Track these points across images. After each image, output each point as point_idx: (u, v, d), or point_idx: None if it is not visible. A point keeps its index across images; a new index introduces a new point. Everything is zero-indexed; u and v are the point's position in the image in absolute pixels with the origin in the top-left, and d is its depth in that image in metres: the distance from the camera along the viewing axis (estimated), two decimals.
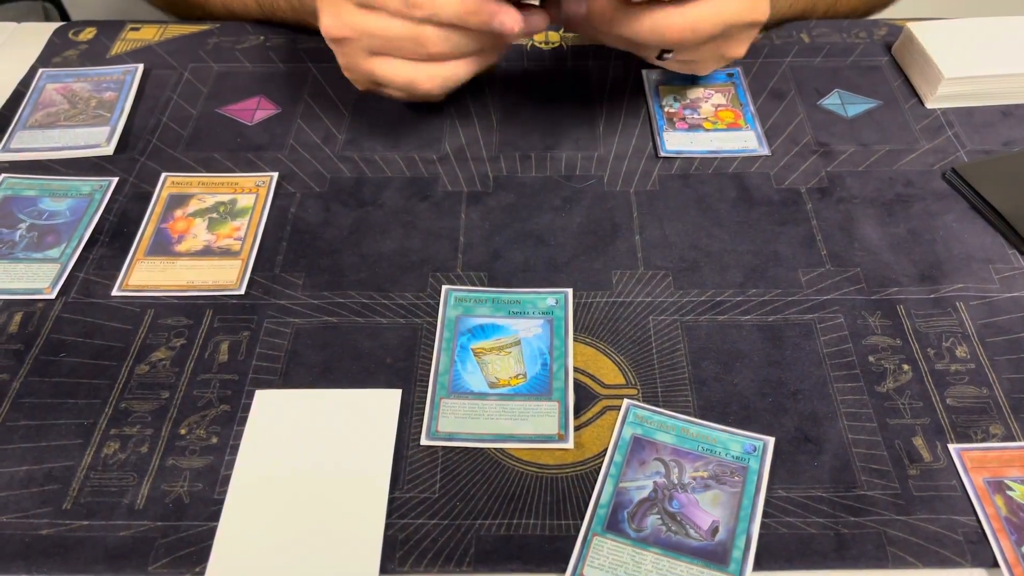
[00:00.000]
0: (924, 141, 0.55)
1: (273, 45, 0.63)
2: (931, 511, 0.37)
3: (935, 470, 0.38)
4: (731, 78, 0.59)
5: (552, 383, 0.42)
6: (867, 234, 0.49)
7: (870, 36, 0.63)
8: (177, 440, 0.40)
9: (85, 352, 0.43)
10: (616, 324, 0.44)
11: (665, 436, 0.39)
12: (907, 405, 0.41)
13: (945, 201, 0.51)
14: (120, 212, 0.50)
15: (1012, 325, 0.44)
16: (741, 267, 0.47)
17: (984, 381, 0.42)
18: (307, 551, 0.35)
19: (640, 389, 0.42)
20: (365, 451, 0.39)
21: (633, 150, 0.54)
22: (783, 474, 0.38)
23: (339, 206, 0.51)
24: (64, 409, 0.41)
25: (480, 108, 0.58)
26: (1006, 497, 0.37)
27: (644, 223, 0.50)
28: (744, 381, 0.42)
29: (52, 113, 0.57)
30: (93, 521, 0.37)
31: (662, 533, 0.36)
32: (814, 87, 0.59)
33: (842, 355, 0.43)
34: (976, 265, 0.47)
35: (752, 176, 0.53)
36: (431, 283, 0.46)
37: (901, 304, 0.45)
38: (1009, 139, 0.55)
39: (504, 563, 0.35)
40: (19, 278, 0.46)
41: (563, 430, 0.40)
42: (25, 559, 0.35)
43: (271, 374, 0.42)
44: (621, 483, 0.38)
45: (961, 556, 0.35)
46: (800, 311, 0.45)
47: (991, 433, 0.40)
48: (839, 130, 0.56)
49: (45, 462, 0.39)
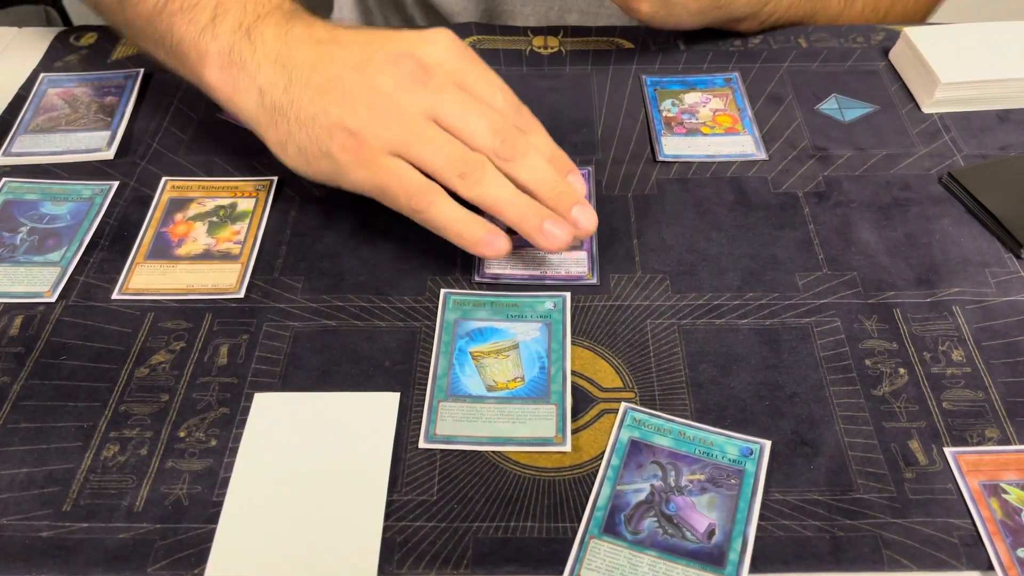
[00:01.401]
0: (921, 145, 0.55)
1: None
2: (927, 514, 0.37)
3: (931, 473, 0.38)
4: (729, 83, 0.60)
5: (550, 386, 0.42)
6: (864, 238, 0.49)
7: (867, 41, 0.64)
8: (176, 443, 0.40)
9: (85, 355, 0.43)
10: (614, 328, 0.45)
11: (662, 439, 0.39)
12: (903, 408, 0.41)
13: (942, 205, 0.51)
14: (120, 216, 0.51)
15: (1008, 329, 0.44)
16: (738, 271, 0.47)
17: (980, 385, 0.42)
18: (305, 553, 0.36)
19: (637, 392, 0.42)
20: (364, 454, 0.39)
21: (631, 154, 0.55)
22: (779, 477, 0.38)
23: (338, 210, 0.51)
24: (64, 412, 0.41)
25: None
26: (1001, 500, 0.37)
27: (642, 227, 0.50)
28: (741, 384, 0.42)
29: (53, 117, 0.57)
30: (93, 523, 0.37)
31: (659, 536, 0.36)
32: (811, 92, 0.59)
33: (839, 359, 0.43)
34: (972, 269, 0.47)
35: (750, 180, 0.53)
36: (430, 286, 0.47)
37: (897, 308, 0.45)
38: (1006, 143, 0.55)
39: (501, 565, 0.35)
40: (20, 281, 0.47)
41: (561, 433, 0.40)
42: (25, 561, 0.36)
43: (270, 377, 0.42)
44: (618, 486, 0.38)
45: (956, 559, 0.35)
46: (797, 315, 0.45)
47: (987, 436, 0.40)
48: (836, 134, 0.56)
49: (45, 464, 0.39)
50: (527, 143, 0.44)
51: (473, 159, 0.43)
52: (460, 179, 0.42)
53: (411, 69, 0.43)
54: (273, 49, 0.45)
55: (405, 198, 0.43)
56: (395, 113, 0.43)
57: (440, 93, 0.43)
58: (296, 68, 0.44)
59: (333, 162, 0.44)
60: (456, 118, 0.43)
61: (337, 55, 0.44)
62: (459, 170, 0.42)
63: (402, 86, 0.43)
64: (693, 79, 0.60)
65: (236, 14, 0.46)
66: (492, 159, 0.43)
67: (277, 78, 0.44)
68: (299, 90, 0.44)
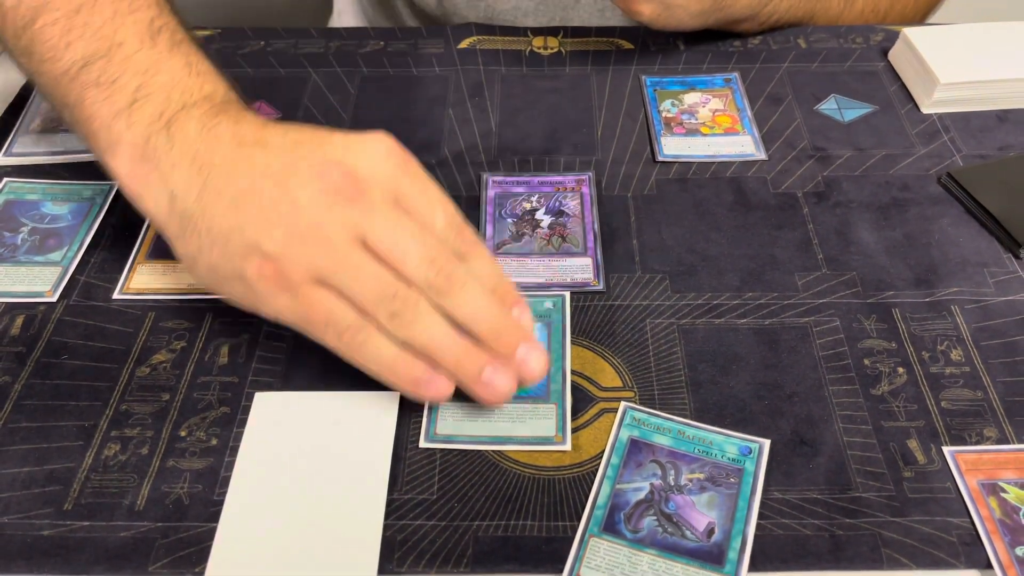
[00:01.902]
0: (920, 146, 0.55)
1: (274, 50, 0.63)
2: (925, 513, 0.37)
3: (930, 472, 0.39)
4: (728, 83, 0.60)
5: (550, 386, 0.42)
6: (863, 238, 0.49)
7: (866, 41, 0.64)
8: (177, 442, 0.40)
9: (86, 355, 0.43)
10: (613, 327, 0.45)
11: (662, 438, 0.40)
12: (902, 408, 0.41)
13: (941, 205, 0.51)
14: (121, 216, 0.51)
15: (1007, 328, 0.44)
16: (738, 271, 0.47)
17: (979, 384, 0.42)
18: (306, 552, 0.36)
19: (637, 392, 0.42)
20: (364, 453, 0.39)
21: (631, 155, 0.55)
22: (779, 476, 0.38)
23: None
24: (65, 411, 0.41)
25: (479, 112, 0.58)
26: (1000, 499, 0.37)
27: (641, 227, 0.50)
28: (740, 384, 0.42)
29: (54, 118, 0.57)
30: (94, 522, 0.37)
31: (658, 534, 0.36)
32: (811, 92, 0.59)
33: (838, 358, 0.43)
34: (971, 269, 0.47)
35: (749, 180, 0.53)
36: None
37: (896, 308, 0.45)
38: (1005, 144, 0.55)
39: (501, 564, 0.36)
40: (21, 281, 0.47)
41: (560, 432, 0.40)
42: (27, 559, 0.36)
43: (271, 376, 0.43)
44: (618, 485, 0.38)
45: (955, 558, 0.36)
46: (796, 314, 0.45)
47: (985, 436, 0.40)
48: (836, 135, 0.56)
49: (46, 463, 0.39)
50: (466, 274, 0.38)
51: (404, 295, 0.37)
52: (390, 319, 0.37)
53: (339, 182, 0.37)
54: (192, 147, 0.39)
55: (333, 337, 0.38)
56: (318, 236, 0.37)
57: (370, 212, 0.37)
58: (213, 172, 0.39)
59: (249, 289, 0.38)
60: (387, 242, 0.37)
61: (258, 160, 0.39)
62: (389, 308, 0.37)
63: (327, 203, 0.37)
64: (693, 79, 0.60)
65: (158, 101, 0.41)
66: (426, 292, 0.37)
67: (191, 182, 0.39)
68: (212, 199, 0.38)
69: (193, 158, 0.39)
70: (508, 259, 0.48)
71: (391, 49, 0.64)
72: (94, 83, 0.41)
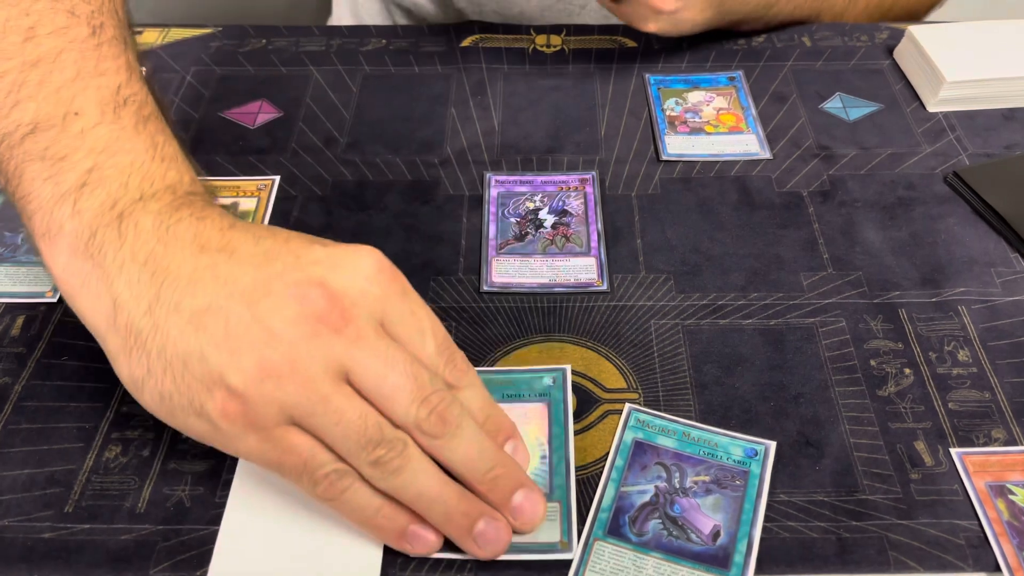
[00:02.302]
0: (926, 144, 0.55)
1: (275, 48, 0.63)
2: (933, 515, 0.37)
3: (937, 474, 0.38)
4: (733, 82, 0.60)
5: (552, 480, 0.38)
6: (869, 238, 0.49)
7: (871, 39, 0.64)
8: (178, 444, 0.40)
9: (87, 355, 0.43)
10: (617, 328, 0.44)
11: (666, 440, 0.39)
12: (909, 409, 0.41)
13: (947, 205, 0.51)
14: None
15: (1014, 329, 0.44)
16: (743, 271, 0.47)
17: (986, 385, 0.41)
18: (308, 555, 0.35)
19: (641, 393, 0.42)
20: None
21: (635, 154, 0.55)
22: (784, 478, 0.38)
23: (341, 209, 0.51)
24: (66, 413, 0.41)
25: (482, 111, 0.58)
26: (1008, 501, 0.37)
27: (645, 227, 0.50)
28: (746, 385, 0.42)
29: None
30: (95, 524, 0.37)
31: (663, 537, 0.36)
32: (816, 90, 0.59)
33: (844, 359, 0.43)
34: (978, 269, 0.47)
35: (754, 180, 0.53)
36: (432, 287, 0.46)
37: (903, 308, 0.45)
38: (1011, 142, 0.55)
39: (505, 568, 0.35)
40: (21, 281, 0.46)
41: (566, 537, 0.36)
42: (27, 562, 0.35)
43: None
44: (622, 487, 0.38)
45: (963, 560, 0.35)
46: (802, 315, 0.45)
47: (993, 437, 0.39)
48: (841, 133, 0.56)
49: (47, 465, 0.39)
50: (460, 412, 0.34)
51: (391, 440, 0.33)
52: (373, 467, 0.33)
53: (321, 308, 0.32)
54: (145, 247, 0.33)
55: (308, 484, 0.33)
56: (294, 372, 0.32)
57: (355, 343, 0.33)
58: (168, 280, 0.33)
59: (211, 426, 0.33)
60: (373, 379, 0.33)
61: (223, 272, 0.33)
62: (373, 455, 0.32)
63: (306, 333, 0.32)
64: (696, 78, 0.60)
65: (113, 188, 0.35)
66: (414, 435, 0.33)
67: (141, 290, 0.33)
68: (166, 314, 0.32)
69: (145, 261, 0.33)
70: (511, 259, 0.48)
71: (393, 47, 0.63)
72: (39, 156, 0.35)
